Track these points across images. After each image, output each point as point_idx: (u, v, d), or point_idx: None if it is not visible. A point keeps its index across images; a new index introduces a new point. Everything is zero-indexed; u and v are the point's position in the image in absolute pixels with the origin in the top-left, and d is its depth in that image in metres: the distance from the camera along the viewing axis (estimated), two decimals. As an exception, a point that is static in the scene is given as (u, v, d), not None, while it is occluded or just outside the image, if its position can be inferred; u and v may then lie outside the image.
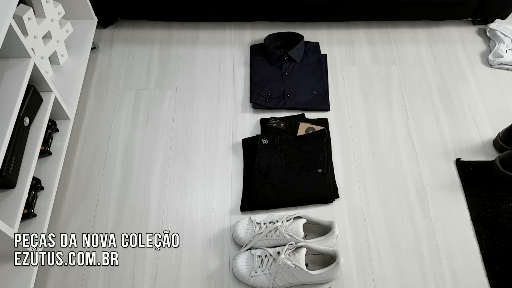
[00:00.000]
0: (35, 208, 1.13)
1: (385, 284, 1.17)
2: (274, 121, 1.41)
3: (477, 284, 1.17)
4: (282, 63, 1.57)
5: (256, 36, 1.67)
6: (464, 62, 1.64)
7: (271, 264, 1.12)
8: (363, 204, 1.30)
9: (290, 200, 1.28)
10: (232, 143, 1.40)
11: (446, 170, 1.37)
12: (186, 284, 1.15)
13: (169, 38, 1.66)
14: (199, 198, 1.30)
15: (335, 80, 1.56)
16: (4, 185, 1.03)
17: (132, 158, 1.36)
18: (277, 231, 1.16)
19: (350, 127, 1.45)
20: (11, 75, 1.05)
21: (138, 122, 1.44)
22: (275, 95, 1.49)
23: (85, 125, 1.42)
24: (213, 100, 1.50)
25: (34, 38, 1.22)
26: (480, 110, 1.51)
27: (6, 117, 0.99)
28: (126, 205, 1.27)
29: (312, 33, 1.69)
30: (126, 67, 1.57)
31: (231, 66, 1.59)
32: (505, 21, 1.72)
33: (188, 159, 1.36)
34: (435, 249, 1.22)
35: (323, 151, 1.35)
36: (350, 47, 1.66)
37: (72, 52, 1.43)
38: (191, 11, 1.60)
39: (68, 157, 1.34)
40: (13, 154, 1.03)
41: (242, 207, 1.27)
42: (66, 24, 1.38)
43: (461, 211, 1.29)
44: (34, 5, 1.23)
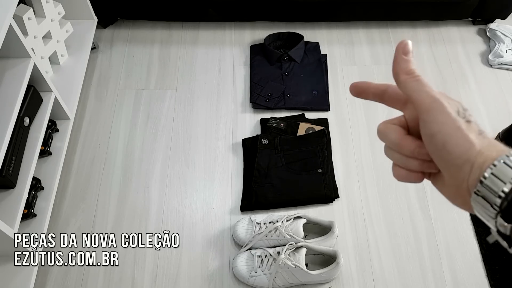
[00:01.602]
0: (35, 208, 1.13)
1: (385, 284, 1.17)
2: (274, 121, 1.41)
3: (477, 284, 1.17)
4: (282, 63, 1.57)
5: (256, 36, 1.67)
6: (464, 62, 1.64)
7: (271, 264, 1.12)
8: (363, 204, 1.30)
9: (290, 200, 1.28)
10: (232, 143, 1.40)
11: (446, 170, 1.37)
12: (186, 284, 1.15)
13: (169, 38, 1.66)
14: (199, 198, 1.30)
15: (335, 80, 1.56)
16: (4, 185, 1.03)
17: (132, 158, 1.36)
18: (277, 231, 1.16)
19: (350, 127, 1.45)
20: (11, 75, 1.05)
21: (138, 122, 1.44)
22: (275, 95, 1.49)
23: (85, 125, 1.42)
24: (213, 100, 1.50)
25: (34, 38, 1.22)
26: (480, 110, 1.51)
27: (6, 117, 0.99)
28: (126, 205, 1.27)
29: (312, 33, 1.69)
30: (126, 67, 1.57)
31: (231, 66, 1.59)
32: (505, 21, 1.72)
33: (188, 159, 1.36)
34: (435, 249, 1.22)
35: (323, 151, 1.35)
36: (350, 47, 1.66)
37: (72, 52, 1.43)
38: (191, 11, 1.60)
39: (68, 157, 1.34)
40: (13, 154, 1.03)
41: (242, 207, 1.27)
42: (66, 24, 1.38)
43: (461, 211, 1.29)
44: (34, 5, 1.23)
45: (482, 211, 0.31)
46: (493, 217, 0.31)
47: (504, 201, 0.30)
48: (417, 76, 0.36)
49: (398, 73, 0.36)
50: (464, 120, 0.32)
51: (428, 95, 0.34)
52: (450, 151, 0.32)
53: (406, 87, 0.36)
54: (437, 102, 0.33)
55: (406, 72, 0.36)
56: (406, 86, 0.36)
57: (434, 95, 0.34)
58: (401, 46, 0.37)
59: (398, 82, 0.37)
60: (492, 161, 0.30)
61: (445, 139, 0.32)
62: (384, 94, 0.39)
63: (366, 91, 0.39)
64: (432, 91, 0.34)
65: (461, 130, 0.32)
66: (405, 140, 0.36)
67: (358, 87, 0.40)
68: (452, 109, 0.33)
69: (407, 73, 0.36)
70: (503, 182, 0.29)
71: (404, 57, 0.37)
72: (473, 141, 0.32)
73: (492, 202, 0.30)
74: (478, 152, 0.31)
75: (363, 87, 0.40)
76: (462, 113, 0.33)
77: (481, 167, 0.31)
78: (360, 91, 0.40)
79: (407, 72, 0.36)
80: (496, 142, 0.32)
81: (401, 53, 0.37)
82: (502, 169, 0.30)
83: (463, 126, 0.32)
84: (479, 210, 0.32)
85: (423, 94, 0.34)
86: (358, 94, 0.40)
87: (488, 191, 0.30)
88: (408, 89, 0.36)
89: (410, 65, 0.36)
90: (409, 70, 0.36)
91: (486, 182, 0.30)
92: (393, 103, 0.39)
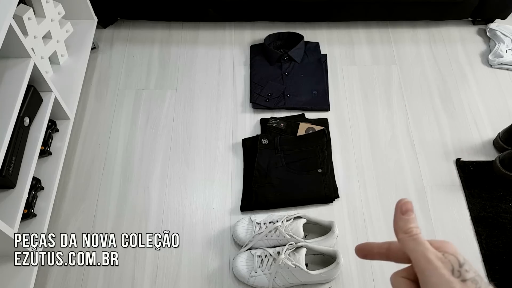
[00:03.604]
0: (35, 208, 1.13)
1: (385, 284, 1.17)
2: (274, 121, 1.41)
3: (477, 284, 1.17)
4: (282, 63, 1.57)
5: (256, 36, 1.67)
6: (464, 62, 1.64)
7: (271, 264, 1.12)
8: (363, 204, 1.30)
9: (290, 200, 1.28)
10: (232, 143, 1.40)
11: (446, 170, 1.37)
12: (186, 284, 1.15)
13: (169, 38, 1.66)
14: (199, 198, 1.30)
15: (335, 80, 1.56)
16: (4, 185, 1.03)
17: (132, 158, 1.36)
18: (277, 231, 1.16)
19: (350, 127, 1.45)
20: (11, 75, 1.05)
21: (138, 122, 1.44)
22: (275, 95, 1.49)
23: (85, 125, 1.42)
24: (213, 100, 1.50)
25: (34, 38, 1.22)
26: (480, 110, 1.51)
27: (6, 117, 0.99)
28: (126, 205, 1.27)
29: (312, 33, 1.69)
30: (126, 67, 1.57)
31: (231, 66, 1.59)
32: (505, 21, 1.72)
33: (188, 159, 1.36)
34: (435, 249, 1.22)
35: (323, 151, 1.35)
36: (350, 47, 1.66)
37: (72, 52, 1.43)
38: (191, 11, 1.60)
39: (68, 157, 1.34)
40: (13, 154, 1.03)
41: (242, 207, 1.27)
42: (66, 24, 1.38)
43: (461, 211, 1.29)
44: (34, 5, 1.23)
45: None
46: None
47: None
48: (414, 235, 0.36)
49: (396, 231, 0.38)
50: (459, 280, 0.32)
51: (423, 255, 0.35)
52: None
53: (404, 246, 0.37)
54: (431, 263, 0.34)
55: (404, 231, 0.37)
56: (404, 245, 0.37)
57: (428, 256, 0.34)
58: (399, 205, 0.38)
59: (398, 240, 0.38)
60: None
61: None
62: (388, 253, 0.40)
63: (370, 252, 0.40)
64: (427, 251, 0.35)
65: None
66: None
67: (362, 249, 0.41)
68: (446, 269, 0.33)
69: (405, 232, 0.37)
70: None
71: (402, 216, 0.38)
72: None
73: None
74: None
75: (367, 249, 0.40)
76: (457, 272, 0.33)
77: None
78: (365, 253, 0.41)
79: (405, 231, 0.37)
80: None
81: (399, 212, 0.38)
82: None
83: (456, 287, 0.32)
84: None
85: (419, 254, 0.35)
86: (364, 256, 0.41)
87: None
88: (405, 248, 0.37)
89: (408, 224, 0.37)
90: (406, 229, 0.37)
91: None
92: (399, 259, 0.39)
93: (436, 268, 0.33)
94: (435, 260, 0.34)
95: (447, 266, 0.33)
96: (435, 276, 0.33)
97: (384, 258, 0.40)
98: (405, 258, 0.38)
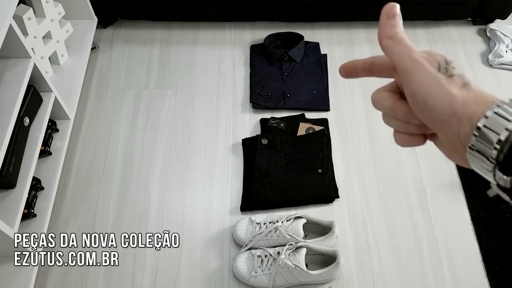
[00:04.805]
0: (35, 208, 1.13)
1: (385, 284, 1.17)
2: (274, 121, 1.41)
3: (477, 284, 1.17)
4: (282, 63, 1.57)
5: (256, 36, 1.67)
6: (464, 62, 1.64)
7: (271, 264, 1.12)
8: (363, 204, 1.30)
9: (290, 200, 1.28)
10: (232, 143, 1.40)
11: (446, 170, 1.37)
12: (186, 284, 1.15)
13: (169, 38, 1.66)
14: (199, 198, 1.30)
15: (335, 80, 1.56)
16: (4, 185, 1.03)
17: (132, 158, 1.36)
18: (277, 231, 1.16)
19: (350, 127, 1.45)
20: (11, 75, 1.05)
21: (138, 122, 1.44)
22: (275, 95, 1.49)
23: (85, 125, 1.42)
24: (213, 100, 1.50)
25: (34, 38, 1.22)
26: (480, 110, 1.51)
27: (6, 117, 0.99)
28: (126, 205, 1.27)
29: (312, 33, 1.69)
30: (126, 67, 1.57)
31: (231, 66, 1.59)
32: (505, 21, 1.72)
33: (188, 159, 1.36)
34: (435, 249, 1.22)
35: (323, 151, 1.35)
36: (350, 47, 1.66)
37: (72, 52, 1.43)
38: (191, 11, 1.60)
39: (68, 157, 1.34)
40: (13, 154, 1.03)
41: (242, 207, 1.27)
42: (66, 24, 1.38)
43: (461, 211, 1.29)
44: (34, 5, 1.23)
45: (479, 165, 0.31)
46: (490, 170, 0.30)
47: (500, 153, 0.29)
48: (399, 39, 0.35)
49: (381, 38, 0.36)
50: (445, 75, 0.32)
51: (409, 56, 0.33)
52: (433, 108, 0.31)
53: (388, 51, 0.35)
54: (416, 62, 0.33)
55: (389, 36, 0.35)
56: (388, 50, 0.35)
57: (414, 56, 0.33)
58: (385, 10, 0.36)
59: (382, 47, 0.36)
60: (483, 113, 0.29)
61: (425, 96, 0.32)
62: (372, 67, 0.38)
63: (355, 69, 0.39)
64: (412, 52, 0.33)
65: (441, 85, 0.31)
66: (398, 104, 0.35)
67: (346, 67, 0.39)
68: (432, 66, 0.32)
69: (389, 37, 0.35)
70: (497, 133, 0.28)
71: (388, 21, 0.36)
72: (455, 94, 0.31)
73: (488, 155, 0.29)
74: (462, 104, 0.30)
75: (351, 66, 0.39)
76: (443, 68, 0.32)
77: (471, 120, 0.30)
78: (349, 71, 0.39)
79: (389, 36, 0.35)
80: (484, 93, 0.31)
81: (386, 17, 0.36)
82: (494, 120, 0.29)
83: (443, 81, 0.31)
84: (476, 165, 0.31)
85: (404, 56, 0.33)
86: (348, 75, 0.39)
87: (483, 144, 0.29)
88: (390, 53, 0.35)
89: (393, 28, 0.35)
90: (392, 33, 0.35)
91: (479, 135, 0.29)
92: (382, 72, 0.38)
93: (422, 66, 0.32)
94: (420, 59, 0.33)
95: (433, 64, 0.32)
96: (421, 73, 0.32)
97: (367, 73, 0.39)
98: (388, 71, 0.37)
